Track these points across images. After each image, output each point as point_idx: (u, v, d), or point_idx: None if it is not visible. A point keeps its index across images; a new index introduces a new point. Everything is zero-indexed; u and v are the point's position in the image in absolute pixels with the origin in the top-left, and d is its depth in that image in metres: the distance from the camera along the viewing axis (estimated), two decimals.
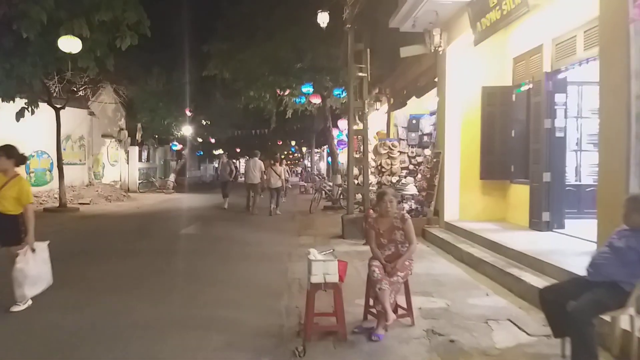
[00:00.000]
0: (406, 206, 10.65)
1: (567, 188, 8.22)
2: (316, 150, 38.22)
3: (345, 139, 26.30)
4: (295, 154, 55.78)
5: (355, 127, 23.17)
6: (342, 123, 23.11)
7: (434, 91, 12.51)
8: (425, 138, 14.86)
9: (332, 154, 16.28)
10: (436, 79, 10.08)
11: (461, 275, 6.54)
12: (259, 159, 14.82)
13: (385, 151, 14.50)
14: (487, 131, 9.32)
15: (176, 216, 14.90)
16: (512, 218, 9.17)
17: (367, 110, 10.04)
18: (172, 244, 9.49)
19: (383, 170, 14.62)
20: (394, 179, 14.59)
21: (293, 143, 43.14)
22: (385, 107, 15.69)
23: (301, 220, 13.38)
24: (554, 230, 7.79)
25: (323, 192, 15.56)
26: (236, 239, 10.04)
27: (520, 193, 8.93)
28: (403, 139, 15.10)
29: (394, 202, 4.61)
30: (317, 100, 16.03)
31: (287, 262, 7.67)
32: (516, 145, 9.22)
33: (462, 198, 9.47)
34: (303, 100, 16.92)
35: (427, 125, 14.75)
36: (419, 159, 14.93)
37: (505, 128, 9.25)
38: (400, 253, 4.59)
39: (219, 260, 7.89)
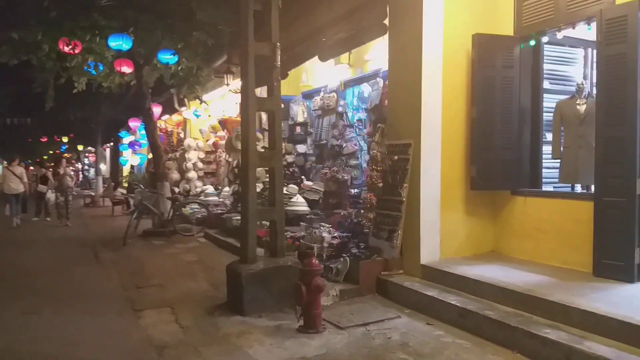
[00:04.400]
0: (326, 236, 6.22)
1: None
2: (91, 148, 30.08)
3: (145, 141, 20.17)
4: (65, 154, 45.23)
5: (169, 116, 17.52)
6: (133, 122, 17.61)
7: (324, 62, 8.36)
8: (298, 129, 10.65)
9: (154, 149, 10.68)
10: (386, 20, 5.93)
11: None
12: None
13: None
14: (483, 110, 5.55)
15: None
16: (515, 250, 5.62)
17: (277, 62, 5.29)
18: None
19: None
20: (257, 187, 9.95)
21: (65, 140, 33.86)
22: (239, 82, 10.90)
23: (115, 260, 7.73)
24: None
25: (142, 210, 9.83)
26: None
27: (537, 211, 5.42)
28: (267, 130, 10.57)
29: None
30: (128, 69, 10.25)
31: None
32: (526, 132, 5.76)
33: (443, 222, 5.53)
34: (102, 68, 10.95)
35: (300, 112, 10.55)
36: (290, 159, 10.64)
37: (510, 105, 5.64)
38: None
39: None
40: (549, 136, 5.90)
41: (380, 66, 8.10)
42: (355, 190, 8.42)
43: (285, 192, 8.87)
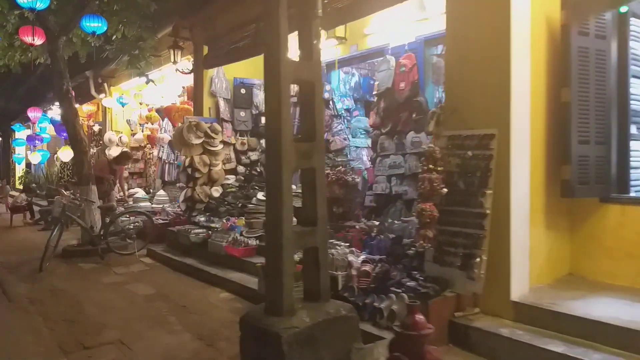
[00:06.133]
0: (352, 260, 4.59)
1: None
2: None
3: (47, 135, 16.95)
4: None
5: (78, 105, 14.62)
6: (33, 112, 14.82)
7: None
8: (264, 120, 8.82)
9: (76, 144, 8.18)
10: None
11: None
12: None
13: (200, 140, 7.84)
14: (578, 91, 4.23)
15: None
16: (607, 274, 4.36)
17: (318, 9, 3.52)
18: None
19: (197, 175, 7.88)
20: (216, 192, 8.06)
21: None
22: (188, 62, 8.82)
23: (36, 298, 5.47)
24: None
25: (64, 224, 7.42)
26: None
27: None
28: (227, 120, 8.67)
29: None
30: (39, 40, 7.73)
31: None
32: (613, 124, 4.53)
33: (532, 238, 4.14)
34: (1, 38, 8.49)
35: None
36: (253, 156, 8.82)
37: (603, 86, 4.36)
38: None
39: None
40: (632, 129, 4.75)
41: (387, 42, 6.62)
42: None
43: (262, 197, 7.16)
